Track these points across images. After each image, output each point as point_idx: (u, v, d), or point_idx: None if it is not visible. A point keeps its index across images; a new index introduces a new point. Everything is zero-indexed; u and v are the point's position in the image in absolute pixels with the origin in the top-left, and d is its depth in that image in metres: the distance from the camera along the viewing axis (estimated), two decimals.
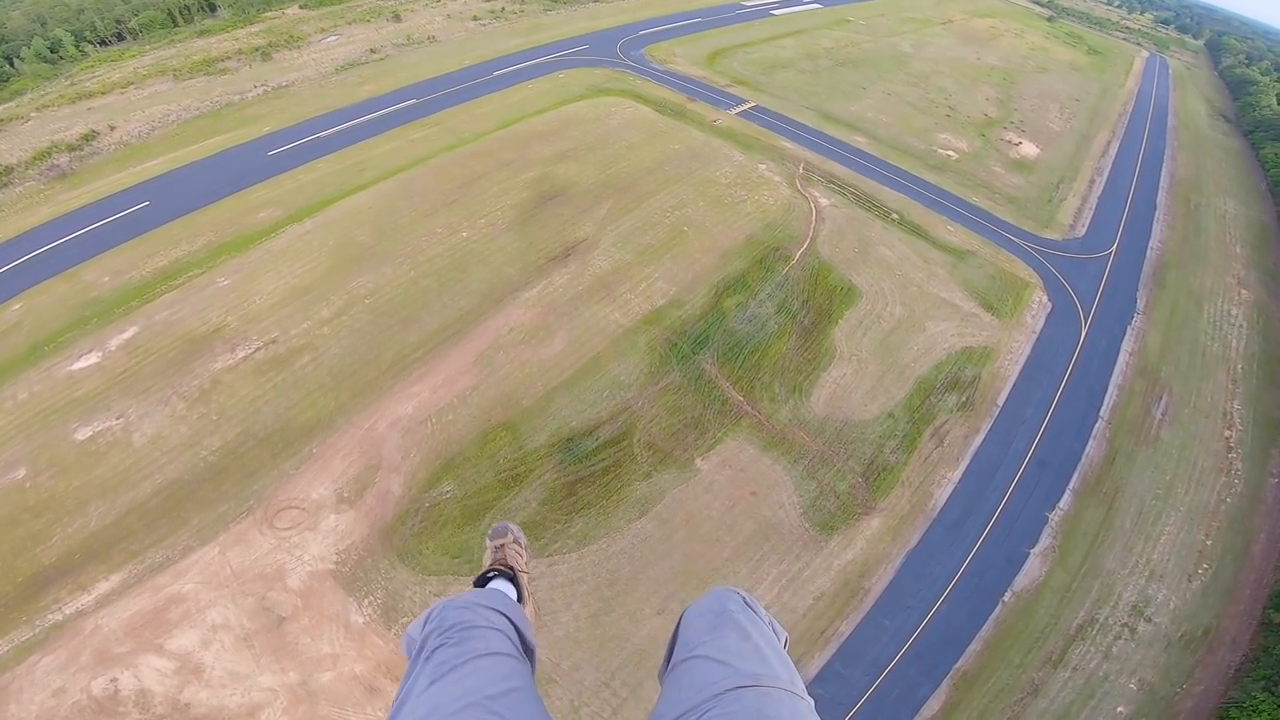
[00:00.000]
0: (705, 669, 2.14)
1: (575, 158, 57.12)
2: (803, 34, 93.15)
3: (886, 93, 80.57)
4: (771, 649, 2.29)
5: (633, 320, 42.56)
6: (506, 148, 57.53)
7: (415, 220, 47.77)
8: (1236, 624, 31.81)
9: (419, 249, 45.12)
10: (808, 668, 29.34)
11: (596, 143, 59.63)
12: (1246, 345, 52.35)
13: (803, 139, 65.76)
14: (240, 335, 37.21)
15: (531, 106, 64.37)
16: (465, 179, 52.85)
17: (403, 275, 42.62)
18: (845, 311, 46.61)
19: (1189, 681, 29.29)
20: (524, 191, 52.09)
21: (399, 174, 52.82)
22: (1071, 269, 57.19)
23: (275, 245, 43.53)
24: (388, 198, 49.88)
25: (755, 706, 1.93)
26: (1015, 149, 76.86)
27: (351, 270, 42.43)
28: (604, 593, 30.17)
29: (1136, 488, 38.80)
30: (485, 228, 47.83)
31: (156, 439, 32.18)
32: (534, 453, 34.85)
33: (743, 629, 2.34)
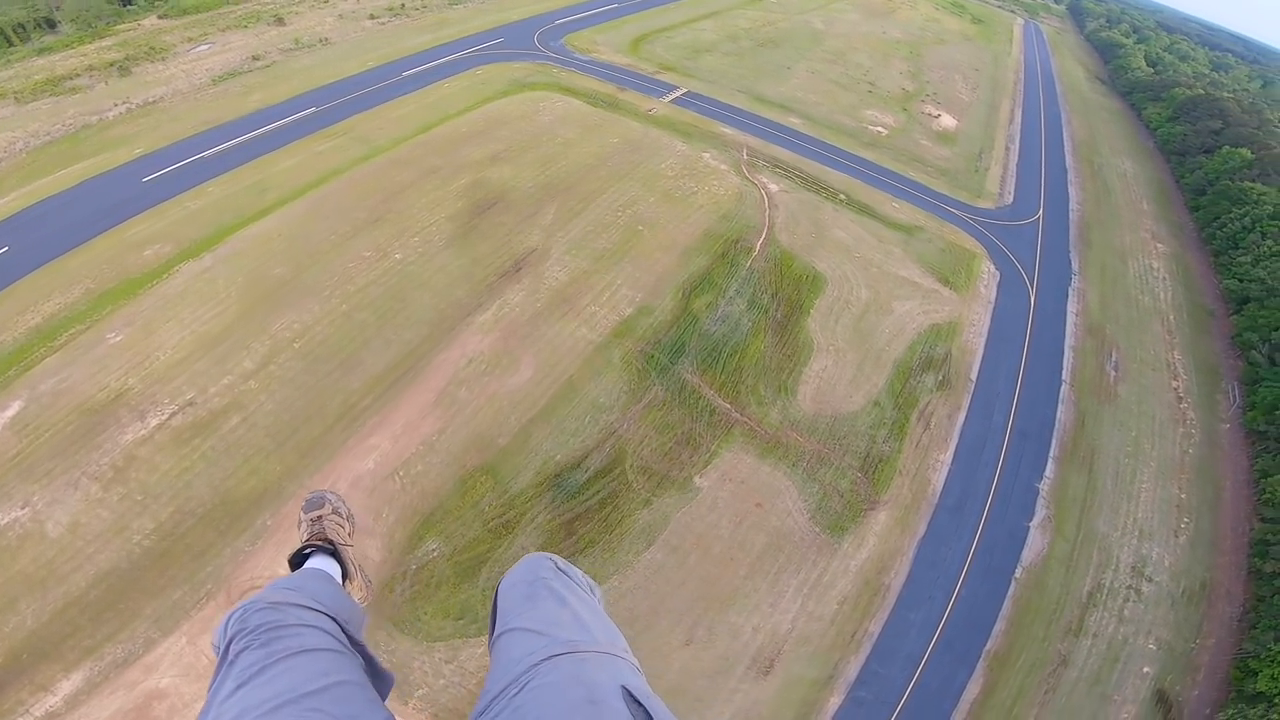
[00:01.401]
0: (523, 640, 2.15)
1: (509, 159, 53.41)
2: (720, 15, 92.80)
3: (810, 71, 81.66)
4: (589, 612, 2.38)
5: (602, 335, 40.07)
6: (430, 154, 52.87)
7: (336, 245, 42.65)
8: (1228, 575, 34.25)
9: (347, 278, 40.25)
10: (845, 672, 28.78)
11: (529, 141, 56.11)
12: (1173, 296, 57.14)
13: (740, 123, 65.15)
14: (148, 400, 31.50)
15: (452, 107, 59.69)
16: (388, 192, 47.95)
17: (333, 311, 37.80)
18: (814, 300, 46.31)
19: (1200, 636, 31.13)
20: (457, 201, 47.97)
21: (308, 192, 47.10)
22: (1008, 236, 60.11)
23: (170, 288, 37.32)
24: (299, 221, 44.26)
25: (571, 672, 1.95)
26: (936, 121, 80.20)
27: (270, 310, 37.11)
28: (625, 633, 27.29)
29: (1109, 448, 41.06)
30: (420, 246, 43.51)
31: (75, 527, 26.95)
32: (521, 495, 31.91)
33: (558, 595, 2.38)
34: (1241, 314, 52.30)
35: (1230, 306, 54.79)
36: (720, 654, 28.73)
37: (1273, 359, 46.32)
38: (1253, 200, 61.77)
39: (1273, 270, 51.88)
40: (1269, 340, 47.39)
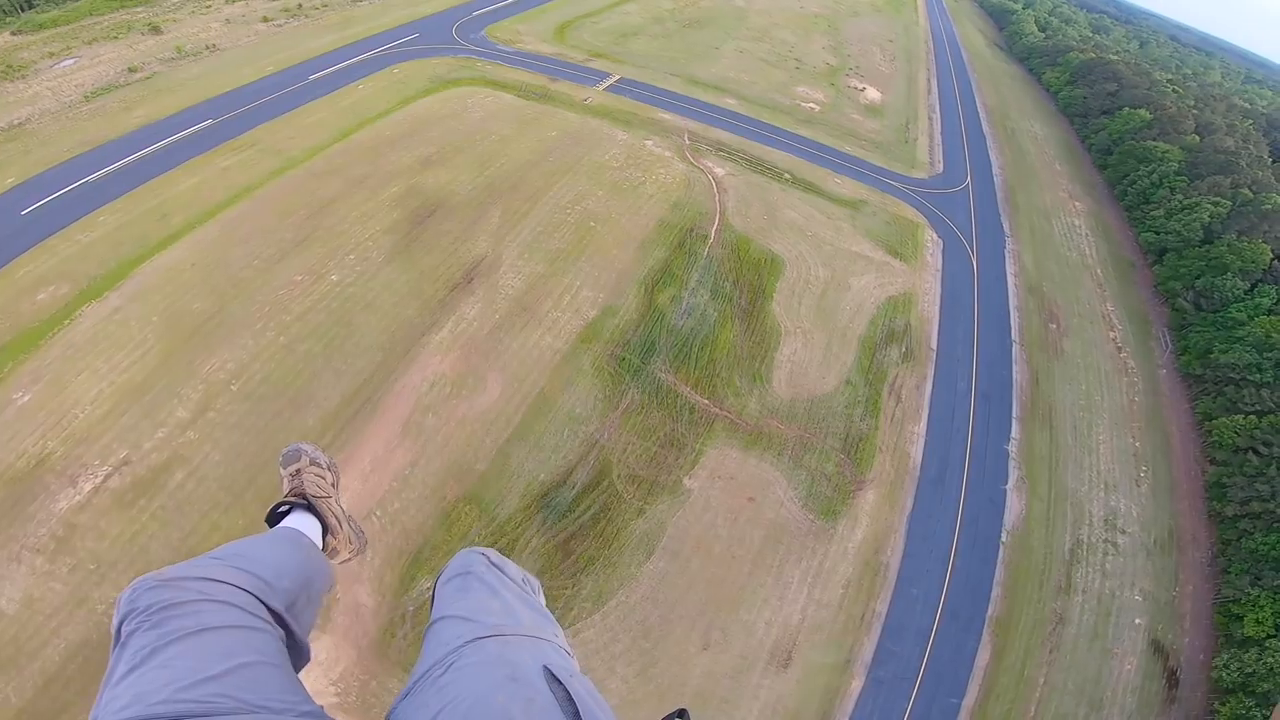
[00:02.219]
0: (452, 626, 2.20)
1: (443, 162, 50.49)
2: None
3: (738, 50, 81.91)
4: (520, 601, 2.41)
5: (568, 341, 38.65)
6: (354, 162, 49.20)
7: (261, 271, 38.94)
8: (1191, 521, 37.20)
9: (280, 307, 36.83)
10: (861, 654, 29.36)
11: (463, 141, 53.25)
12: (1097, 251, 61.38)
13: (678, 108, 64.45)
14: (75, 463, 27.83)
15: (371, 109, 55.79)
16: (312, 207, 44.24)
17: (270, 345, 34.49)
18: (775, 283, 46.54)
19: (1178, 584, 33.69)
20: (392, 211, 44.89)
21: (219, 214, 42.77)
22: (944, 204, 62.64)
23: (76, 335, 32.87)
24: (213, 247, 40.10)
25: (495, 653, 2.02)
26: (862, 95, 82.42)
27: (198, 351, 33.41)
28: (641, 645, 28.06)
29: (1064, 403, 43.70)
30: (358, 264, 40.41)
31: (30, 601, 24.16)
32: (509, 521, 30.46)
33: (490, 586, 2.44)
34: (1162, 264, 56.86)
35: (1149, 258, 59.47)
36: (738, 653, 28.62)
37: (1198, 305, 50.60)
38: (1158, 158, 67.13)
39: (1186, 223, 56.62)
40: (1192, 288, 51.74)
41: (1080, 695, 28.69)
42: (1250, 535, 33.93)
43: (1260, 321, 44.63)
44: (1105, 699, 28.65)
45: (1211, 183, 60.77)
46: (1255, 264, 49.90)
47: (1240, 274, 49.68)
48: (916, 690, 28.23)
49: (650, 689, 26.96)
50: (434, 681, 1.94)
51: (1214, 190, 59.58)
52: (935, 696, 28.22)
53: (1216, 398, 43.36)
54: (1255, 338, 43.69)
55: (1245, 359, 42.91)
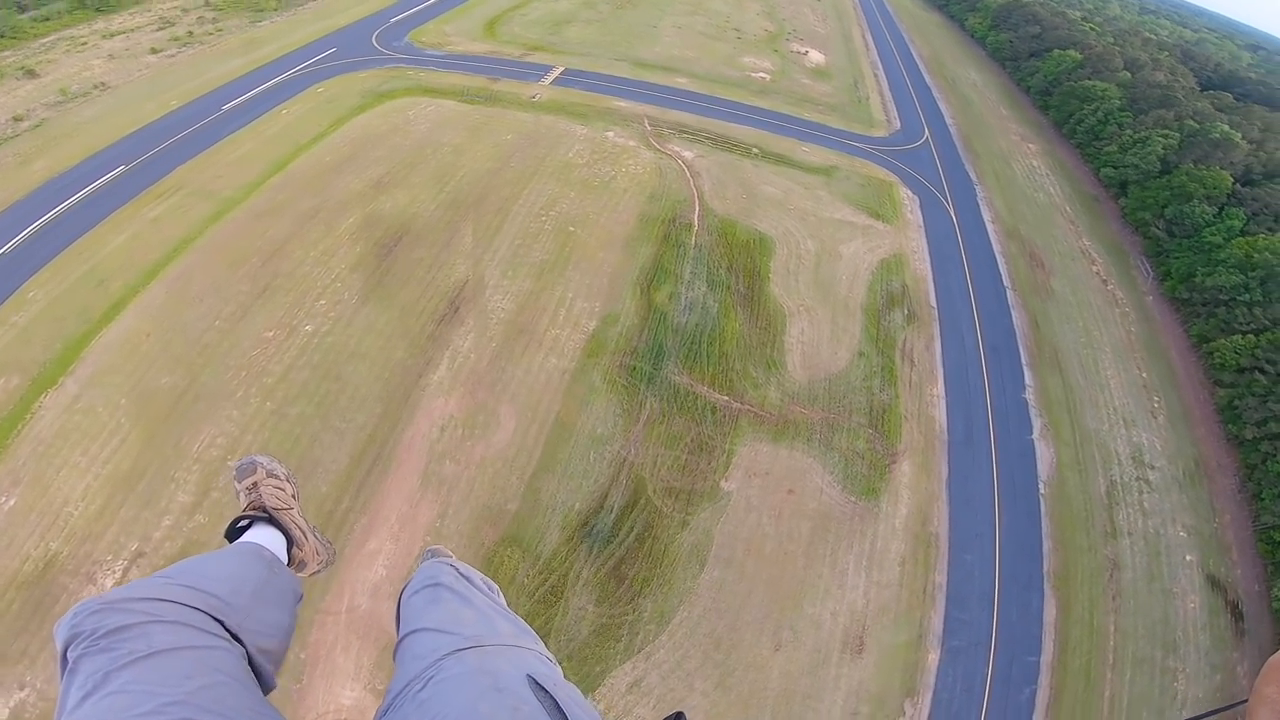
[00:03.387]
0: (427, 639, 2.18)
1: (397, 182, 47.82)
2: None
3: (676, 26, 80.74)
4: (494, 610, 2.43)
5: (573, 359, 37.34)
6: (299, 195, 46.04)
7: (226, 332, 36.01)
8: (1212, 447, 38.89)
9: (258, 370, 34.16)
10: (931, 627, 29.58)
11: (413, 157, 50.56)
12: (1061, 190, 63.59)
13: (630, 93, 63.03)
14: (87, 561, 25.72)
15: (303, 134, 52.34)
16: (265, 252, 41.16)
17: (259, 413, 31.98)
18: (769, 263, 46.21)
19: (1215, 515, 35.14)
20: (354, 245, 42.25)
21: (162, 272, 39.30)
22: (909, 160, 63.58)
23: (42, 431, 29.64)
24: (165, 311, 36.83)
25: (476, 664, 2.01)
26: (805, 58, 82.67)
27: (181, 430, 30.65)
28: (714, 657, 27.75)
29: (1066, 342, 45.13)
30: (331, 310, 37.86)
31: None
32: (554, 557, 29.44)
33: (461, 596, 2.42)
34: (1126, 196, 59.33)
35: (1112, 191, 61.99)
36: (811, 648, 28.54)
37: (1170, 232, 53.02)
38: (1099, 96, 69.92)
39: (1142, 156, 59.19)
40: (1162, 216, 54.15)
41: (1153, 638, 29.74)
42: (1274, 458, 35.65)
43: (1237, 244, 47.04)
44: (1178, 639, 29.78)
45: (1155, 116, 63.72)
46: (1218, 189, 52.59)
47: (1205, 200, 52.21)
48: (993, 653, 28.76)
49: (731, 699, 26.74)
50: (414, 697, 1.92)
51: (1159, 123, 62.47)
52: (1013, 657, 28.83)
53: (1208, 320, 45.59)
54: (1236, 259, 46.04)
55: (1232, 280, 45.19)
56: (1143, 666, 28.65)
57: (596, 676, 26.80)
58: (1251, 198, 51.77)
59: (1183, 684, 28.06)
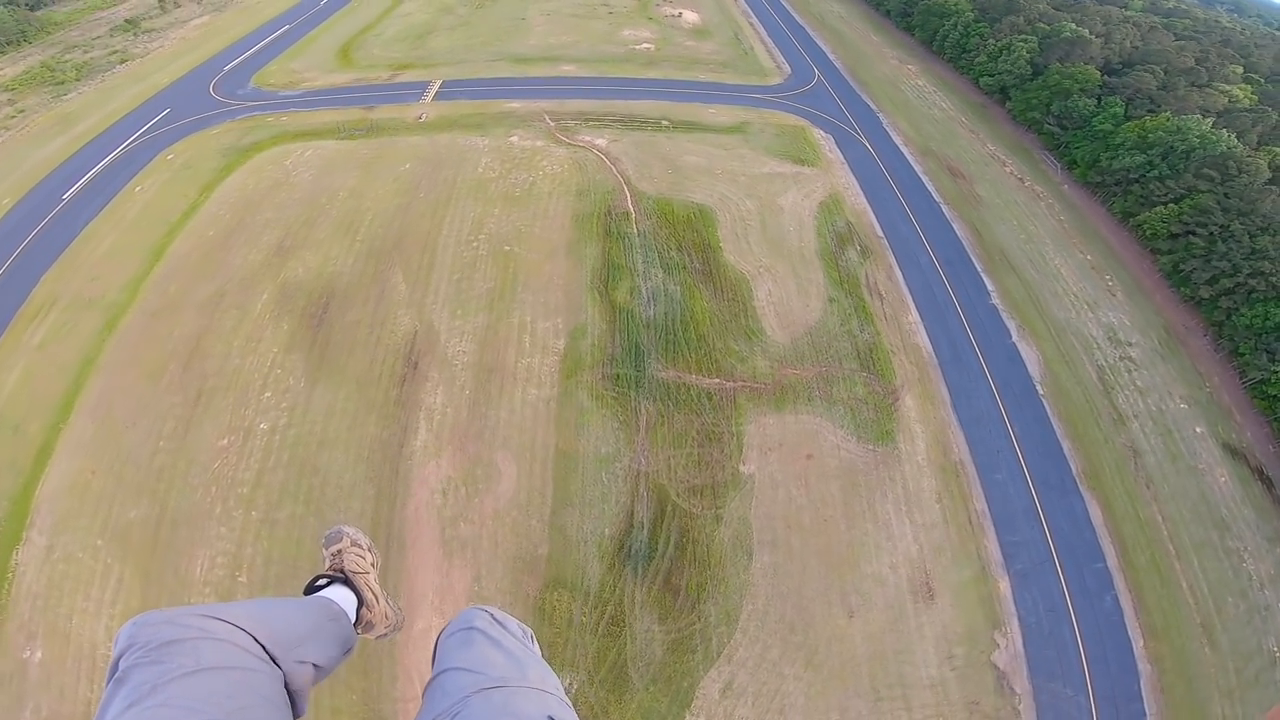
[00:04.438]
0: (456, 678, 2.29)
1: (301, 242, 43.73)
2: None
3: (544, 14, 78.19)
4: (524, 654, 2.52)
5: (554, 385, 35.59)
6: (193, 282, 41.26)
7: (176, 450, 32.13)
8: (1175, 312, 41.72)
9: (227, 480, 30.74)
10: (991, 556, 30.36)
11: (308, 212, 46.35)
12: (950, 102, 66.69)
13: (520, 92, 60.46)
14: None
15: (170, 211, 46.96)
16: (181, 356, 36.68)
17: (247, 524, 28.95)
18: (715, 233, 45.75)
19: (1203, 379, 37.54)
20: (279, 323, 38.35)
21: (76, 403, 34.60)
22: (810, 101, 64.63)
23: (31, 584, 27.34)
24: (101, 445, 32.57)
25: (501, 703, 2.13)
26: (680, 20, 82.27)
27: (175, 558, 27.95)
28: (794, 640, 27.74)
29: (1010, 243, 47.38)
30: (281, 401, 34.30)
31: None
32: (603, 588, 28.63)
33: (493, 640, 2.55)
34: (1010, 100, 62.94)
35: (995, 97, 65.63)
36: (884, 606, 28.78)
37: (1062, 125, 56.68)
38: (953, 11, 73.84)
39: (1013, 61, 62.96)
40: (1050, 112, 57.69)
41: (1200, 519, 31.70)
42: (1237, 312, 38.59)
43: (1129, 127, 50.80)
44: (1225, 516, 31.80)
45: (1009, 23, 67.82)
46: (1090, 82, 56.63)
47: (1082, 93, 56.06)
48: (1060, 568, 29.91)
49: (825, 675, 26.81)
50: None
51: (1015, 29, 66.61)
52: (1080, 567, 30.13)
53: (1126, 198, 49.06)
54: (1133, 141, 49.72)
55: (1136, 160, 48.78)
56: (1205, 551, 30.54)
57: (685, 691, 26.12)
58: (1121, 86, 55.93)
59: (1251, 563, 30.06)
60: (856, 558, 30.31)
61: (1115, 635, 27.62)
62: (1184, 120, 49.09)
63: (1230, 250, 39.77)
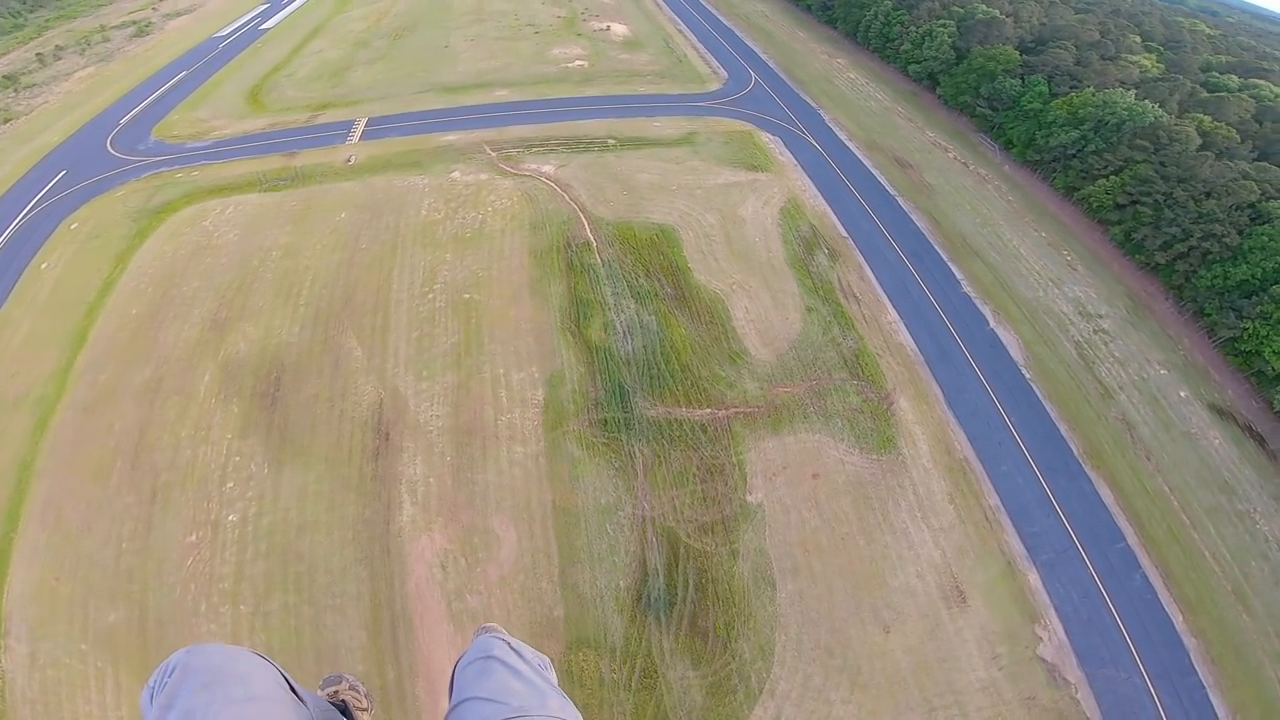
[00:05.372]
0: (477, 708, 2.36)
1: (239, 313, 40.72)
2: (325, 28, 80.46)
3: (469, 39, 76.36)
4: (542, 681, 2.59)
5: (539, 440, 34.17)
6: (126, 367, 37.85)
7: (142, 551, 29.99)
8: (1135, 279, 43.43)
9: (205, 577, 28.69)
10: (1015, 550, 30.73)
11: (240, 277, 43.26)
12: (884, 93, 68.92)
13: (454, 123, 58.59)
14: None
15: (85, 289, 43.06)
16: (127, 452, 33.52)
17: (239, 619, 27.80)
18: (682, 253, 45.26)
19: (1175, 342, 39.11)
20: (229, 406, 35.45)
21: (22, 510, 31.34)
22: (751, 104, 65.31)
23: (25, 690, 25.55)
24: (58, 552, 30.05)
25: None
26: (610, 33, 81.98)
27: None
28: (833, 664, 27.46)
29: (967, 228, 48.76)
30: (246, 490, 31.83)
31: None
32: (628, 641, 27.72)
33: (511, 668, 2.60)
34: (940, 86, 65.29)
35: (925, 84, 68.01)
36: (918, 616, 28.71)
37: (993, 107, 59.12)
38: (873, 1, 76.30)
39: (936, 48, 65.43)
40: (980, 95, 60.04)
41: (1205, 484, 32.96)
42: (1196, 274, 40.56)
43: (1057, 104, 53.33)
44: (1228, 479, 33.12)
45: (926, 9, 70.69)
46: (1011, 63, 59.33)
47: (1006, 74, 58.60)
48: (1084, 556, 30.49)
49: (873, 694, 26.61)
50: None
51: (932, 15, 69.42)
52: (1103, 549, 30.82)
53: (1066, 173, 51.35)
54: (1063, 118, 52.07)
55: (1070, 136, 51.15)
56: (1217, 516, 31.67)
57: None
58: (1040, 64, 58.78)
59: (1264, 524, 31.30)
60: (881, 572, 30.10)
61: (1153, 613, 28.35)
62: (1109, 94, 51.78)
63: (1179, 216, 41.98)
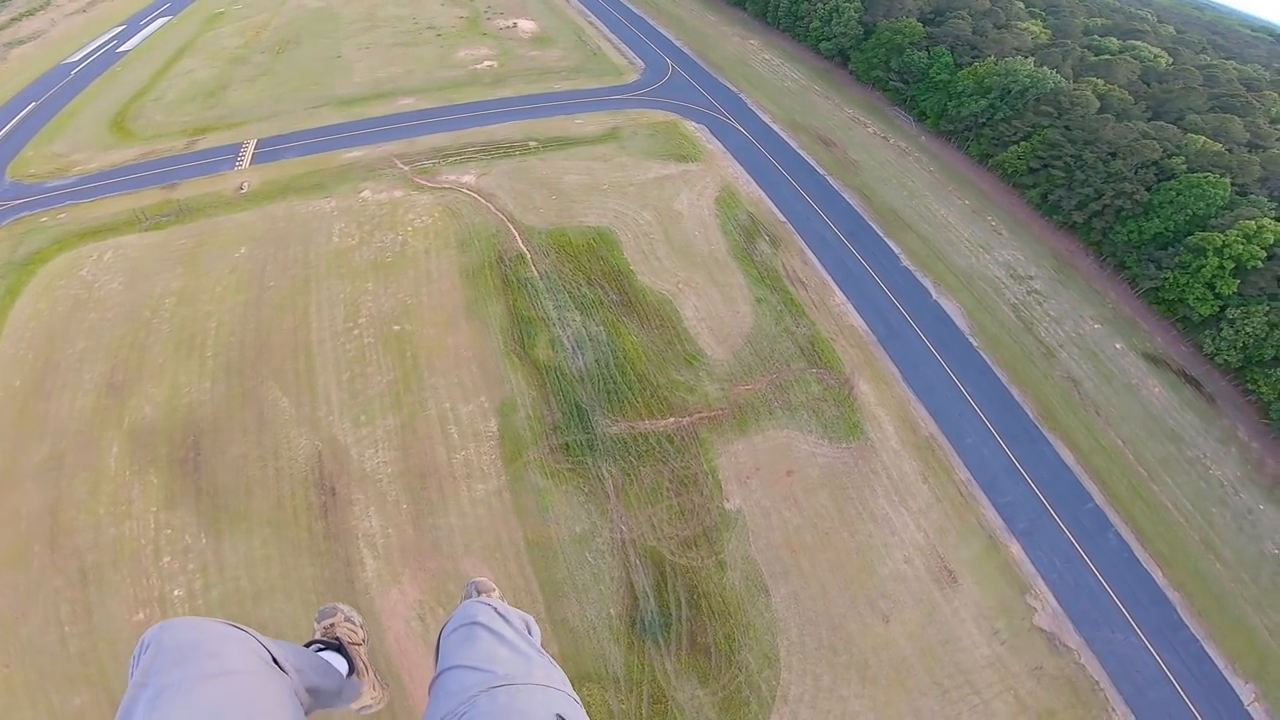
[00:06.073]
0: (461, 676, 2.34)
1: (137, 374, 36.35)
2: (193, 48, 72.80)
3: (363, 47, 71.46)
4: (529, 647, 2.57)
5: (499, 474, 32.41)
6: (16, 446, 33.02)
7: (88, 635, 26.63)
8: (1056, 240, 45.57)
9: None
10: (992, 523, 31.57)
11: (131, 333, 38.64)
12: (799, 72, 70.05)
13: (357, 138, 54.72)
14: None
15: None
16: (42, 537, 29.19)
17: None
18: (623, 255, 44.07)
19: (1102, 296, 41.04)
20: (147, 477, 31.67)
21: None
22: (671, 93, 64.58)
23: None
24: None
25: (506, 703, 2.14)
26: (518, 30, 78.93)
27: None
28: (839, 661, 27.75)
29: (895, 201, 50.05)
30: (187, 564, 28.67)
31: None
32: (629, 669, 26.98)
33: (497, 634, 2.58)
34: (851, 62, 66.83)
35: (836, 60, 69.46)
36: (913, 601, 29.11)
37: (905, 80, 60.95)
38: None
39: (845, 25, 66.94)
40: (890, 69, 61.73)
41: (1153, 435, 34.86)
42: (1112, 230, 42.96)
43: (963, 75, 55.45)
44: (1173, 427, 35.12)
45: None
46: (916, 35, 61.31)
47: (913, 47, 60.47)
48: (1058, 520, 31.70)
49: (883, 685, 26.94)
50: None
51: None
52: (1075, 512, 32.12)
53: (979, 141, 53.54)
54: (971, 88, 54.09)
55: (979, 105, 53.29)
56: (1172, 466, 33.49)
57: None
58: (941, 35, 61.06)
59: (1215, 469, 33.22)
60: (870, 562, 30.30)
61: (1134, 571, 29.82)
62: (1010, 63, 54.24)
63: (1090, 177, 44.46)
